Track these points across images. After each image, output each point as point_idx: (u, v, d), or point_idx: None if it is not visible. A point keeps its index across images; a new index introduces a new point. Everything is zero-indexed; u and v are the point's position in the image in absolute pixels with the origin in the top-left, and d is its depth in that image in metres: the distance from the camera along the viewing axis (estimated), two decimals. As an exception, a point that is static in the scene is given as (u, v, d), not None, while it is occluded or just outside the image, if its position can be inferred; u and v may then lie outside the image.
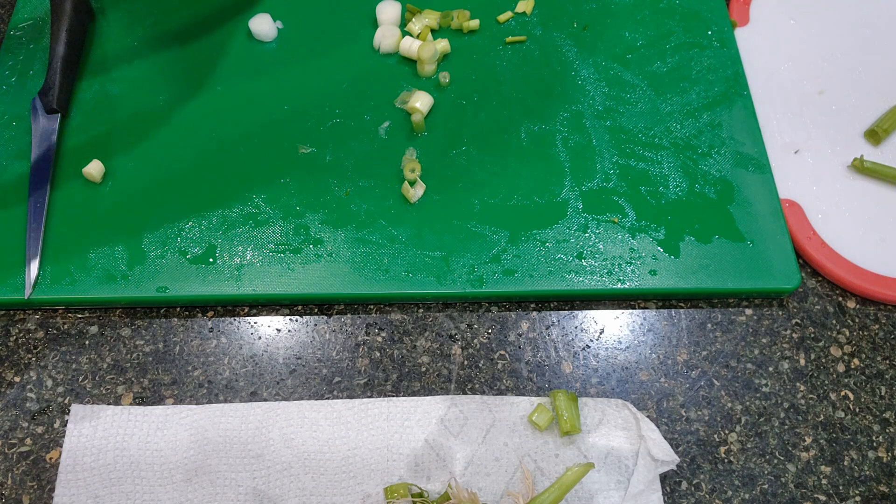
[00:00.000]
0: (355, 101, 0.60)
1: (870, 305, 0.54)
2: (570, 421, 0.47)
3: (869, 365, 0.51)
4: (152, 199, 0.55)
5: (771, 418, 0.49)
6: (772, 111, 0.61)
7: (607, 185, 0.56)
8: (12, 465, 0.47)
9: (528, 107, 0.60)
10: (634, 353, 0.51)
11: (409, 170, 0.55)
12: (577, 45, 0.63)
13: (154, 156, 0.57)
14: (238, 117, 0.59)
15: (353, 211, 0.54)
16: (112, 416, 0.48)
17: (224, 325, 0.52)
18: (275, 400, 0.49)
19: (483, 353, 0.51)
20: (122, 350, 0.51)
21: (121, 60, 0.61)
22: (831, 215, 0.56)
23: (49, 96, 0.57)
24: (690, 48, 0.63)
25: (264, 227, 0.54)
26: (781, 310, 0.53)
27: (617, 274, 0.52)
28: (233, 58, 0.62)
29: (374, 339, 0.52)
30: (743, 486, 0.47)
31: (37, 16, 0.63)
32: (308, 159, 0.57)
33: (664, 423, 0.49)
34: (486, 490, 0.46)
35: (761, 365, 0.51)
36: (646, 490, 0.46)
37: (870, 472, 0.48)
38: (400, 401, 0.49)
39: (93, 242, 0.53)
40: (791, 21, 0.66)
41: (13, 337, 0.51)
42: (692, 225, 0.54)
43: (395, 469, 0.46)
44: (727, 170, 0.57)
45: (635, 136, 0.58)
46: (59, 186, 0.55)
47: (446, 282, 0.52)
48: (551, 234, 0.54)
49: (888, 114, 0.59)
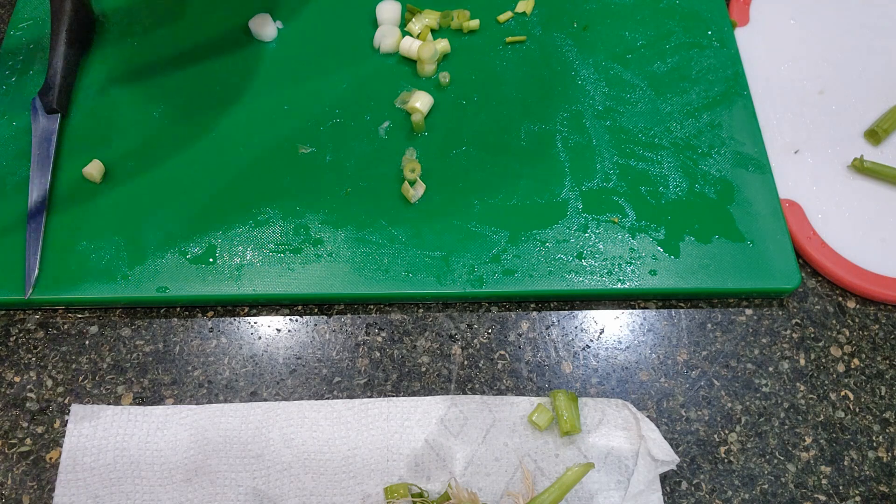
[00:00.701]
0: (355, 101, 0.60)
1: (870, 305, 0.54)
2: (570, 421, 0.47)
3: (869, 365, 0.51)
4: (152, 199, 0.55)
5: (771, 418, 0.49)
6: (772, 111, 0.61)
7: (607, 185, 0.56)
8: (12, 465, 0.47)
9: (528, 107, 0.60)
10: (634, 353, 0.51)
11: (409, 170, 0.55)
12: (577, 45, 0.63)
13: (154, 156, 0.57)
14: (238, 117, 0.59)
15: (353, 211, 0.54)
16: (112, 416, 0.48)
17: (224, 325, 0.52)
18: (275, 400, 0.49)
19: (483, 353, 0.51)
20: (122, 350, 0.51)
21: (121, 61, 0.61)
22: (831, 215, 0.56)
23: (49, 96, 0.57)
24: (690, 48, 0.63)
25: (264, 227, 0.54)
26: (781, 310, 0.53)
27: (617, 274, 0.52)
28: (233, 58, 0.62)
29: (374, 339, 0.52)
30: (743, 486, 0.47)
31: (37, 16, 0.63)
32: (308, 159, 0.57)
33: (664, 423, 0.49)
34: (486, 490, 0.46)
35: (761, 365, 0.51)
36: (646, 490, 0.46)
37: (870, 472, 0.48)
38: (400, 401, 0.49)
39: (93, 243, 0.53)
40: (791, 21, 0.66)
41: (13, 337, 0.51)
42: (692, 225, 0.54)
43: (395, 469, 0.46)
44: (727, 170, 0.57)
45: (635, 136, 0.58)
46: (59, 186, 0.55)
47: (446, 282, 0.52)
48: (551, 234, 0.54)
49: (888, 114, 0.59)
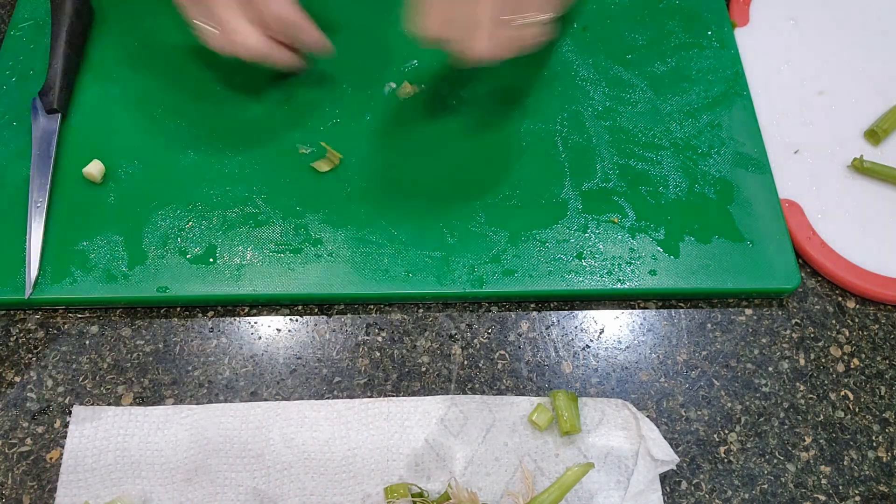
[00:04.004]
0: (355, 100, 0.60)
1: (869, 305, 0.54)
2: (570, 421, 0.47)
3: (869, 365, 0.51)
4: (152, 199, 0.55)
5: (771, 418, 0.49)
6: (772, 111, 0.61)
7: (607, 185, 0.56)
8: (12, 465, 0.47)
9: (528, 107, 0.60)
10: (634, 353, 0.51)
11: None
12: (577, 45, 0.63)
13: (154, 156, 0.57)
14: (238, 117, 0.59)
15: (353, 211, 0.54)
16: (113, 417, 0.48)
17: (224, 325, 0.52)
18: (275, 400, 0.49)
19: (483, 353, 0.51)
20: (123, 350, 0.51)
21: (121, 61, 0.61)
22: (831, 215, 0.56)
23: (49, 96, 0.57)
24: (690, 48, 0.63)
25: (264, 227, 0.54)
26: (781, 310, 0.53)
27: (617, 274, 0.52)
28: (232, 58, 0.62)
29: (374, 339, 0.52)
30: (743, 486, 0.47)
31: (37, 16, 0.63)
32: (308, 159, 0.57)
33: (664, 423, 0.49)
34: (486, 490, 0.46)
35: (761, 365, 0.51)
36: (646, 490, 0.46)
37: (870, 471, 0.48)
38: (400, 401, 0.49)
39: (93, 242, 0.53)
40: (791, 21, 0.66)
41: (13, 337, 0.51)
42: (692, 225, 0.54)
43: (395, 469, 0.46)
44: (727, 170, 0.57)
45: (635, 136, 0.58)
46: (59, 186, 0.55)
47: (446, 282, 0.52)
48: (551, 234, 0.54)
49: (888, 114, 0.59)
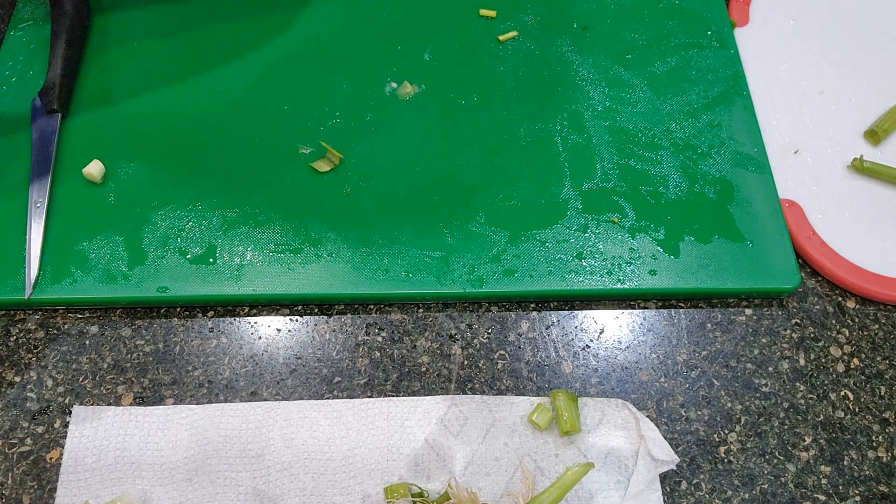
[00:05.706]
0: (355, 100, 0.60)
1: (869, 305, 0.54)
2: (570, 421, 0.47)
3: (869, 365, 0.51)
4: (152, 199, 0.55)
5: (771, 418, 0.49)
6: (772, 111, 0.61)
7: (607, 185, 0.56)
8: (12, 465, 0.47)
9: (528, 107, 0.60)
10: (634, 353, 0.51)
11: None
12: (577, 45, 0.63)
13: (153, 156, 0.57)
14: (238, 117, 0.59)
15: (353, 211, 0.54)
16: (113, 417, 0.48)
17: (224, 325, 0.52)
18: (275, 400, 0.49)
19: (483, 353, 0.51)
20: (123, 350, 0.51)
21: (121, 60, 0.61)
22: (831, 215, 0.56)
23: (49, 96, 0.57)
24: (690, 48, 0.63)
25: (264, 227, 0.54)
26: (781, 310, 0.53)
27: (617, 274, 0.52)
28: (232, 58, 0.62)
29: (374, 339, 0.52)
30: (743, 486, 0.47)
31: (37, 16, 0.63)
32: (308, 159, 0.57)
33: (664, 423, 0.49)
34: (486, 490, 0.46)
35: (761, 365, 0.51)
36: (646, 490, 0.46)
37: (870, 472, 0.48)
38: (400, 401, 0.49)
39: (93, 242, 0.53)
40: (791, 21, 0.66)
41: (13, 337, 0.51)
42: (692, 225, 0.54)
43: (395, 469, 0.46)
44: (727, 170, 0.57)
45: (635, 136, 0.58)
46: (59, 186, 0.55)
47: (446, 282, 0.52)
48: (551, 234, 0.54)
49: (888, 114, 0.59)
